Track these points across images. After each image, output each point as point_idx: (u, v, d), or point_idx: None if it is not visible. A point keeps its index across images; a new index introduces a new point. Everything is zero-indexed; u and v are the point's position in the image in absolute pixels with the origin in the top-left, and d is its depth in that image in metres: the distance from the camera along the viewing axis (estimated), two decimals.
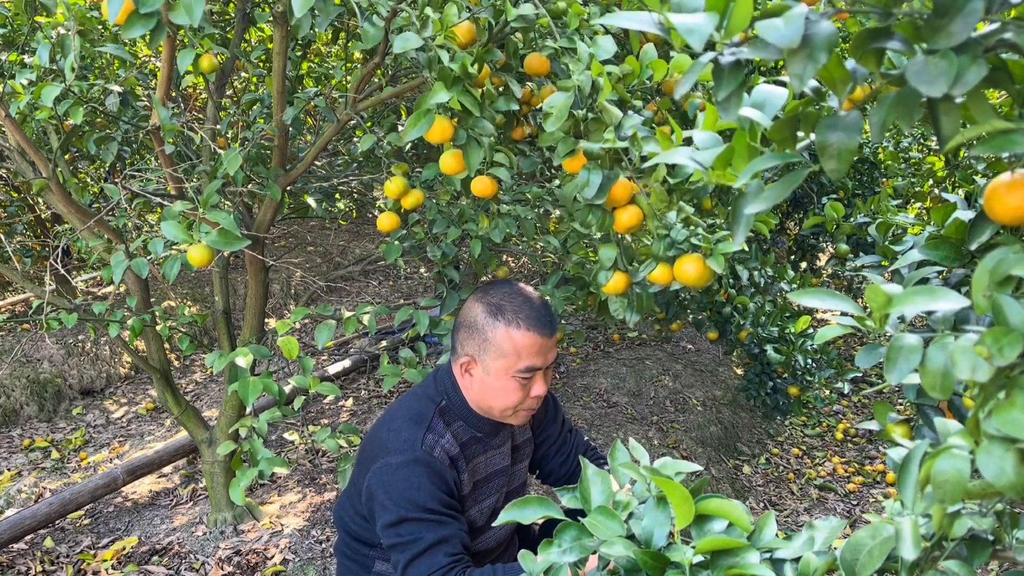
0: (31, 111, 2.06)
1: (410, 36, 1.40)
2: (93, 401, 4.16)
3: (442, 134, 1.49)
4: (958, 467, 0.58)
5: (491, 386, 1.48)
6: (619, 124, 1.42)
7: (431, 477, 1.41)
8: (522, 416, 1.52)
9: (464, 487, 1.52)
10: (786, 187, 0.70)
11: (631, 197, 1.46)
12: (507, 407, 1.49)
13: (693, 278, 1.41)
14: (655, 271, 1.47)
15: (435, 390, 1.57)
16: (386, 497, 1.41)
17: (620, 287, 1.56)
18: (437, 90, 1.42)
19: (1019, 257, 0.60)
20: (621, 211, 1.45)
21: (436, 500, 1.40)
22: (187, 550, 2.73)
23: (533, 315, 1.45)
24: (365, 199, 4.52)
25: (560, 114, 1.38)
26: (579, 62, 1.44)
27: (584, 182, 1.40)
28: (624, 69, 1.47)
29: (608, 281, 1.55)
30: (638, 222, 1.45)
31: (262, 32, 3.72)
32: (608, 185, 1.40)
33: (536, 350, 1.44)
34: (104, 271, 1.99)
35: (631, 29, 1.81)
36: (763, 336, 3.09)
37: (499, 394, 1.48)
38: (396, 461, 1.43)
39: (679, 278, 1.44)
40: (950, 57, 0.56)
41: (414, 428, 1.48)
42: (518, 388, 1.46)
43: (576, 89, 1.41)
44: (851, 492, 3.99)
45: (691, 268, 1.41)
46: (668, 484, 0.81)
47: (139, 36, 1.25)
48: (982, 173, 2.92)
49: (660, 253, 1.46)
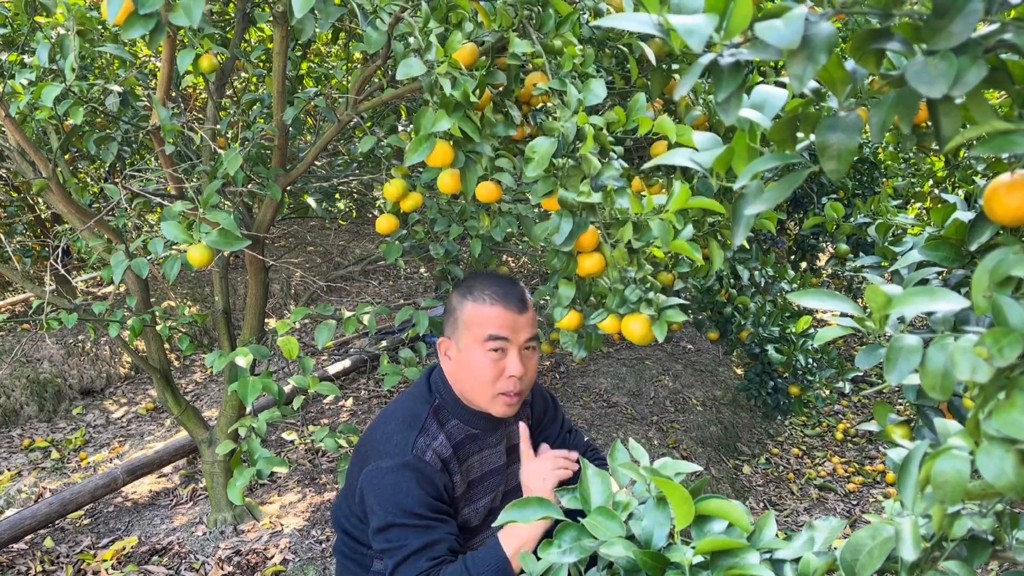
0: (31, 111, 2.06)
1: (413, 63, 1.43)
2: (93, 401, 4.16)
3: (443, 159, 1.54)
4: (958, 468, 0.58)
5: (464, 363, 1.51)
6: (597, 174, 1.48)
7: (420, 482, 1.42)
8: (502, 403, 1.51)
9: (457, 488, 1.52)
10: (786, 188, 0.70)
11: (597, 245, 1.52)
12: (483, 385, 1.49)
13: (637, 337, 1.49)
14: (605, 321, 1.55)
15: (429, 390, 1.57)
16: (375, 501, 1.42)
17: (573, 325, 1.66)
18: (439, 118, 1.46)
19: (1019, 258, 0.60)
20: (585, 257, 1.53)
21: (424, 505, 1.41)
22: (187, 550, 2.73)
23: (500, 291, 1.51)
24: (365, 199, 4.52)
25: (541, 160, 1.43)
26: (567, 108, 1.46)
27: (555, 227, 1.46)
28: (610, 118, 1.51)
29: (563, 318, 1.65)
30: (600, 270, 1.53)
31: (262, 32, 3.72)
32: (578, 233, 1.47)
33: (501, 322, 1.48)
34: (104, 271, 1.99)
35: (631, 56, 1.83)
36: (764, 336, 3.09)
37: (473, 371, 1.49)
38: (386, 465, 1.44)
39: (625, 334, 1.51)
40: (950, 58, 0.56)
41: (406, 431, 1.49)
42: (489, 363, 1.48)
43: (560, 135, 1.45)
44: (851, 492, 3.99)
45: (637, 327, 1.48)
46: (668, 484, 0.81)
47: (139, 37, 1.25)
48: (982, 174, 2.92)
49: (612, 306, 1.53)
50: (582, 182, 1.46)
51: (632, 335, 1.49)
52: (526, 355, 1.52)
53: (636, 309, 1.49)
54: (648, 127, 1.51)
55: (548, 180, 1.49)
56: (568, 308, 1.64)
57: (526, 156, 1.45)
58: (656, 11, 0.65)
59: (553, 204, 1.51)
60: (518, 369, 1.49)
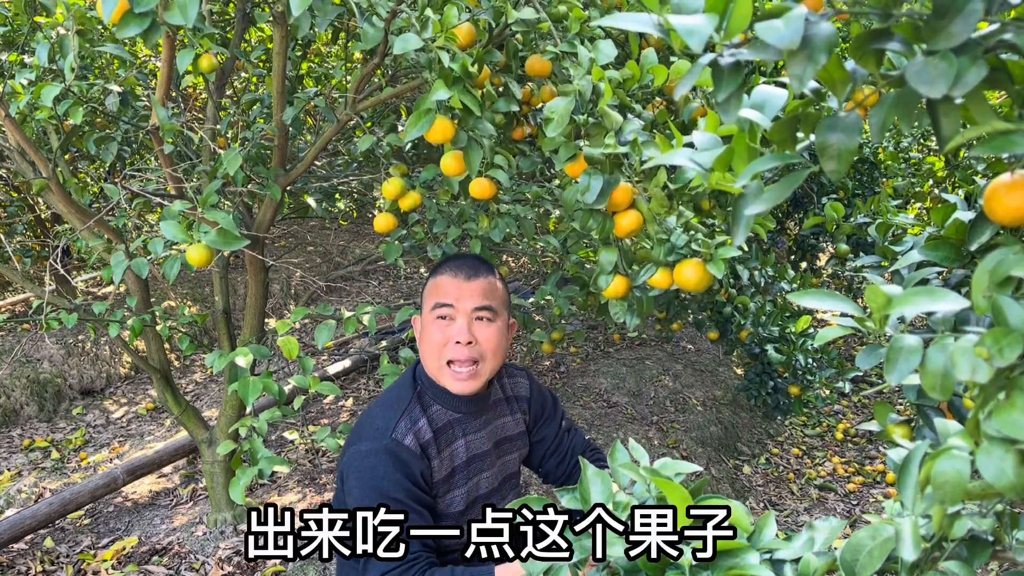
0: (31, 111, 2.06)
1: (410, 37, 1.41)
2: (93, 401, 4.16)
3: (443, 134, 1.50)
4: (958, 468, 0.58)
5: (423, 337, 1.53)
6: (620, 129, 1.43)
7: (398, 466, 1.42)
8: (450, 374, 1.49)
9: (436, 473, 1.52)
10: (786, 188, 0.70)
11: (631, 201, 1.46)
12: (433, 354, 1.50)
13: (693, 283, 1.41)
14: (655, 276, 1.47)
15: (414, 378, 1.59)
16: (354, 484, 1.43)
17: (620, 291, 1.56)
18: (437, 87, 1.43)
19: (1019, 258, 0.60)
20: (621, 216, 1.46)
21: (402, 490, 1.41)
22: (187, 550, 2.73)
23: (454, 263, 1.53)
24: (365, 199, 4.52)
25: (561, 119, 1.38)
26: (580, 67, 1.44)
27: (585, 187, 1.40)
28: (624, 74, 1.48)
29: (608, 285, 1.55)
30: (638, 226, 1.46)
31: (262, 32, 3.71)
32: (609, 190, 1.41)
33: (447, 289, 1.49)
34: (104, 271, 1.99)
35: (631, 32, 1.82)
36: (764, 336, 3.08)
37: (427, 342, 1.51)
38: (365, 448, 1.45)
39: (679, 283, 1.44)
40: (950, 58, 0.56)
41: (389, 414, 1.50)
42: (436, 330, 1.49)
43: (577, 94, 1.42)
44: (851, 492, 3.99)
45: (691, 273, 1.41)
46: (668, 485, 0.81)
47: (135, 36, 1.25)
48: (982, 174, 2.92)
49: (660, 258, 1.46)
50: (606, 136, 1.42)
51: (687, 282, 1.41)
52: (478, 325, 1.49)
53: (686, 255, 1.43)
54: (664, 77, 1.48)
55: (569, 145, 1.45)
56: (612, 274, 1.54)
57: (545, 118, 1.40)
58: (656, 11, 0.65)
59: (576, 169, 1.47)
60: (463, 335, 1.46)
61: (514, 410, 1.69)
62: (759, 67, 2.14)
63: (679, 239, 1.44)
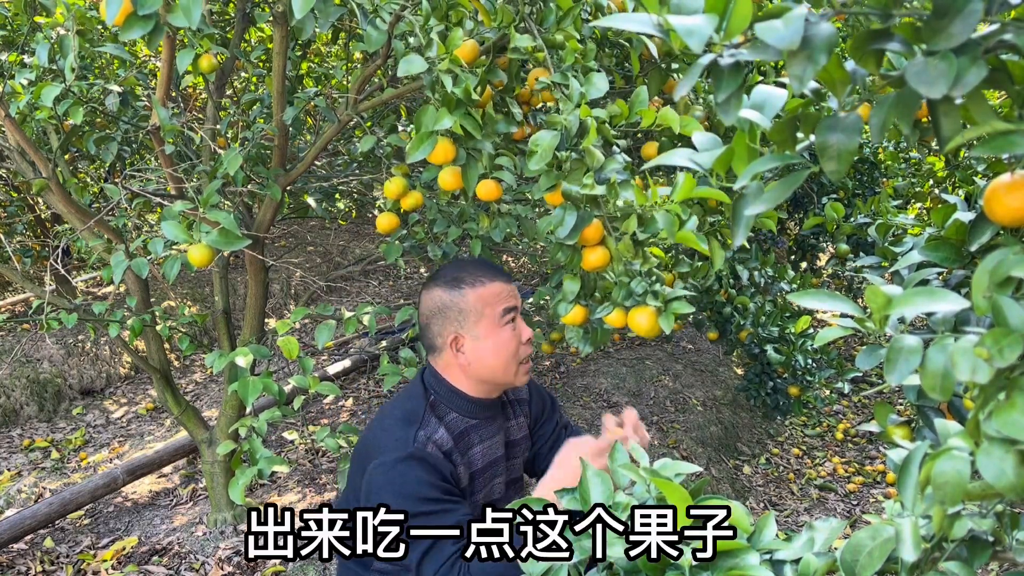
0: (31, 111, 2.06)
1: (415, 59, 1.42)
2: (93, 401, 4.16)
3: (444, 156, 1.55)
4: (958, 468, 0.58)
5: (487, 348, 1.52)
6: (601, 167, 1.48)
7: (427, 470, 1.42)
8: (523, 372, 1.56)
9: (462, 480, 1.51)
10: (786, 188, 0.70)
11: (601, 238, 1.52)
12: (509, 360, 1.52)
13: (644, 330, 1.48)
14: (611, 315, 1.54)
15: (423, 387, 1.57)
16: (387, 496, 1.40)
17: (578, 320, 1.65)
18: (441, 116, 1.46)
19: (1019, 258, 0.60)
20: (590, 251, 1.52)
21: (436, 489, 1.40)
22: (187, 550, 2.73)
23: (487, 270, 1.54)
24: (365, 199, 4.52)
25: (544, 154, 1.42)
26: (569, 101, 1.46)
27: (559, 220, 1.45)
28: (612, 111, 1.51)
29: (567, 313, 1.64)
30: (604, 263, 1.52)
31: (262, 32, 3.71)
32: (582, 226, 1.46)
33: (507, 294, 1.52)
34: (104, 271, 1.99)
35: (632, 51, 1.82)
36: (763, 336, 3.08)
37: (498, 350, 1.51)
38: (391, 459, 1.43)
39: (631, 327, 1.50)
40: (950, 58, 0.56)
41: (406, 427, 1.49)
42: (511, 335, 1.52)
43: (563, 129, 1.45)
44: (851, 492, 3.99)
45: (643, 320, 1.47)
46: (667, 486, 0.81)
47: (138, 37, 1.25)
48: (982, 174, 2.92)
49: (618, 300, 1.52)
50: (585, 175, 1.45)
51: (639, 328, 1.48)
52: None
53: (642, 302, 1.48)
54: (651, 119, 1.50)
55: (551, 174, 1.49)
56: (573, 303, 1.63)
57: (529, 150, 1.44)
58: (656, 11, 0.65)
59: (556, 198, 1.51)
60: (530, 332, 1.55)
61: (518, 413, 1.70)
62: (759, 67, 2.14)
63: (638, 287, 1.49)
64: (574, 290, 1.61)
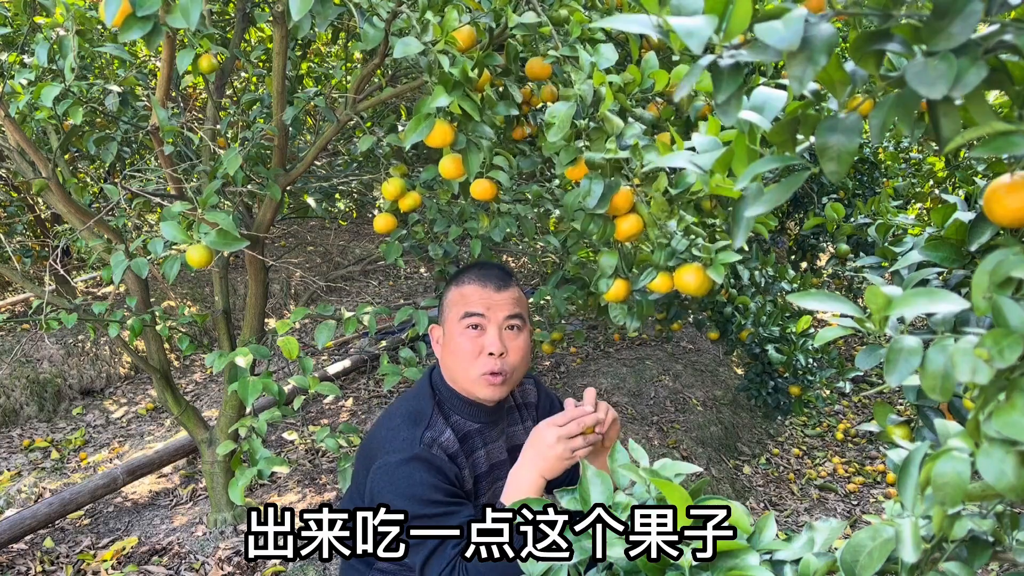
0: (31, 111, 2.06)
1: (411, 41, 1.41)
2: (93, 401, 4.16)
3: (443, 138, 1.50)
4: (958, 469, 0.58)
5: (449, 347, 1.51)
6: (620, 133, 1.44)
7: (432, 471, 1.41)
8: (485, 384, 1.48)
9: (466, 483, 1.51)
10: (786, 189, 0.70)
11: (632, 206, 1.47)
12: (465, 365, 1.48)
13: (693, 287, 1.41)
14: (655, 280, 1.47)
15: (431, 388, 1.57)
16: (390, 497, 1.40)
17: (621, 294, 1.57)
18: (438, 94, 1.43)
19: (1019, 259, 0.60)
20: (622, 220, 1.46)
21: (440, 491, 1.39)
22: (187, 550, 2.73)
23: (479, 272, 1.52)
24: (365, 199, 4.52)
25: (562, 124, 1.39)
26: (581, 71, 1.44)
27: (586, 191, 1.40)
28: (625, 78, 1.48)
29: (609, 288, 1.56)
30: (639, 231, 1.47)
31: (262, 32, 3.72)
32: (610, 194, 1.41)
33: (477, 298, 1.48)
34: (104, 271, 1.99)
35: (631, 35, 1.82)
36: (764, 336, 3.09)
37: (456, 352, 1.49)
38: (395, 460, 1.43)
39: (679, 287, 1.44)
40: (950, 59, 0.56)
41: (412, 427, 1.48)
42: (467, 341, 1.47)
43: (578, 98, 1.42)
44: (851, 492, 3.99)
45: (691, 278, 1.41)
46: (667, 486, 0.81)
47: (137, 39, 1.25)
48: (982, 174, 2.92)
49: (660, 262, 1.46)
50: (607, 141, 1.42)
51: (687, 286, 1.42)
52: (508, 335, 1.49)
53: (686, 260, 1.43)
54: (664, 81, 1.48)
55: (570, 148, 1.45)
56: (613, 278, 1.55)
57: (546, 122, 1.41)
58: (655, 12, 0.65)
59: (577, 172, 1.47)
60: (496, 346, 1.47)
61: (524, 418, 1.69)
62: (759, 68, 2.14)
63: (679, 244, 1.43)
64: (612, 263, 1.53)
